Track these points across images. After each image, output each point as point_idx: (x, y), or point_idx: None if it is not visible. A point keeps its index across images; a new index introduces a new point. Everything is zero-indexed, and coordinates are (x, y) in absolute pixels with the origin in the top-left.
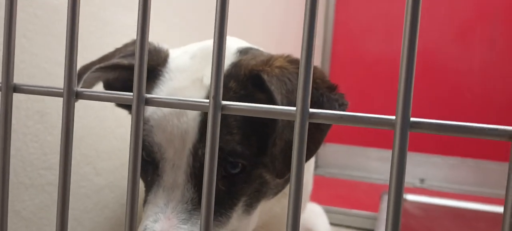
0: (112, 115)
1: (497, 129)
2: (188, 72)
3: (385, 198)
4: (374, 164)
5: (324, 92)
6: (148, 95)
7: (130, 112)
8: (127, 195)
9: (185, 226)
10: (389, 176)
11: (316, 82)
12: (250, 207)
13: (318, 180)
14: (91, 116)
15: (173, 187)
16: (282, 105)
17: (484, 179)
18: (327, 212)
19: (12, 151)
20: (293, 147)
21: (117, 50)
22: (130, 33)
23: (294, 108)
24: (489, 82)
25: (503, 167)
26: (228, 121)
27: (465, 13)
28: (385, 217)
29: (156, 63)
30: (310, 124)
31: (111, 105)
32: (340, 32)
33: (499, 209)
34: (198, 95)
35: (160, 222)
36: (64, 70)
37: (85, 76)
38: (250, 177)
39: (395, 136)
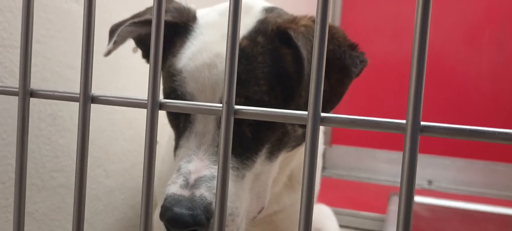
0: (122, 118)
1: (508, 133)
2: (217, 27)
3: (393, 199)
4: (382, 166)
5: (346, 49)
6: (162, 100)
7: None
8: (142, 196)
9: (216, 167)
10: (397, 177)
11: (338, 40)
12: (272, 155)
13: (326, 182)
14: (102, 119)
15: (204, 132)
16: (307, 60)
17: (493, 181)
18: (335, 213)
19: None
20: (305, 150)
21: (149, 9)
22: None
23: (305, 112)
24: (498, 84)
25: None
26: (255, 73)
27: (474, 15)
28: (393, 218)
29: (186, 19)
30: (333, 77)
31: (122, 108)
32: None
33: (509, 211)
34: None
35: (193, 162)
36: (80, 75)
37: (118, 31)
38: (274, 125)
39: (406, 139)
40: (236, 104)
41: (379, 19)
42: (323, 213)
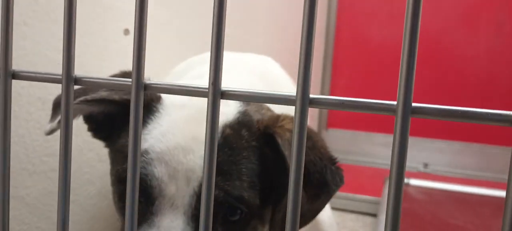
0: None
1: (499, 114)
2: (187, 108)
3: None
4: (378, 149)
5: (327, 164)
6: (147, 82)
7: (107, 145)
8: (127, 188)
9: None
10: None
11: (321, 151)
12: None
13: None
14: None
15: (170, 229)
16: None
17: (488, 164)
18: None
19: (15, 138)
20: (293, 133)
21: (118, 75)
22: (129, 19)
23: (293, 93)
24: (496, 67)
25: (507, 151)
26: (239, 166)
27: None
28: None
29: (149, 98)
30: (310, 191)
31: None
32: (343, 17)
33: (503, 193)
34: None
35: None
36: (62, 56)
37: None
38: (247, 227)
39: (396, 121)
40: (214, 196)
41: (376, 1)
42: None
